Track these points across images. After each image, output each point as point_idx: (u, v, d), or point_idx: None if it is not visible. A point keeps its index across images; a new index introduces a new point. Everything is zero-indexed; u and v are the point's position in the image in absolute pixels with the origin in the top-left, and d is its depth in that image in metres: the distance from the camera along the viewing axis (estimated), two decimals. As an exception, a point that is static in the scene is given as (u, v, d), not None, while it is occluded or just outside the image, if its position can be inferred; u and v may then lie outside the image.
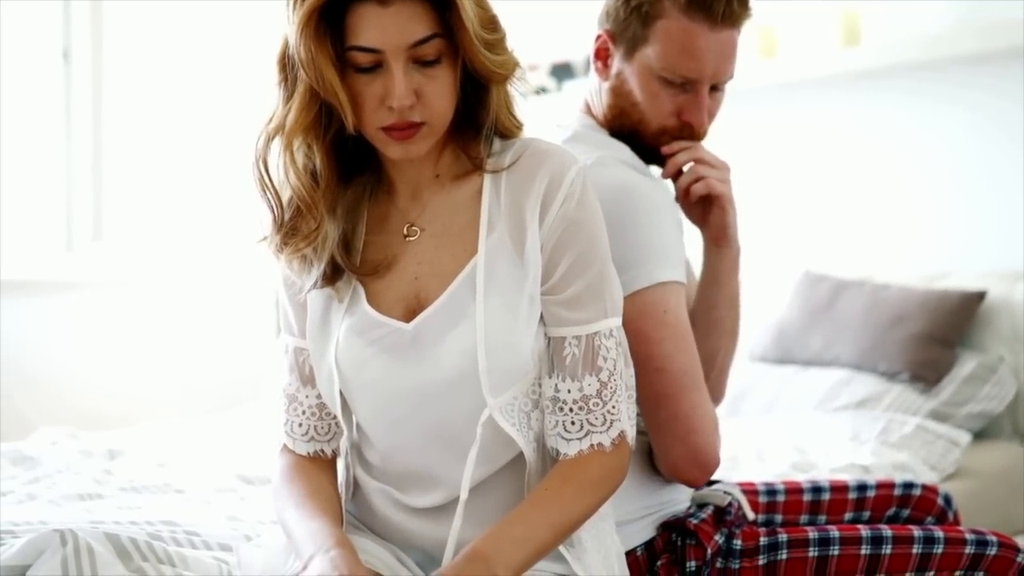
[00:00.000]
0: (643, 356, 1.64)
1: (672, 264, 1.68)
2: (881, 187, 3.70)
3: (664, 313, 1.66)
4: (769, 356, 3.47)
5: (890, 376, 3.20)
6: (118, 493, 2.18)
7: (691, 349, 1.68)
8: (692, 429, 1.66)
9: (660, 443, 1.69)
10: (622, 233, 1.65)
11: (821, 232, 3.82)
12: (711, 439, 1.68)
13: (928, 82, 3.58)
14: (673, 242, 1.70)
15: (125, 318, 4.32)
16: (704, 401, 1.69)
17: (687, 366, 1.67)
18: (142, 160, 4.39)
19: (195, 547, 1.69)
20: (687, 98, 1.80)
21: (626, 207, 1.68)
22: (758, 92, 3.85)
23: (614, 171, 1.73)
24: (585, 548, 1.48)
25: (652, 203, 1.70)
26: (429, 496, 1.48)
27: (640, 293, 1.65)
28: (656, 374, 1.65)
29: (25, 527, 1.71)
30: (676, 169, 1.82)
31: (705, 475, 1.70)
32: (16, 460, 2.57)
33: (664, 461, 1.70)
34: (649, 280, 1.65)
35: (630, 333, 1.61)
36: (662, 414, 1.67)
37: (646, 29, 1.78)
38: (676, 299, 1.67)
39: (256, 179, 1.45)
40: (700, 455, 1.67)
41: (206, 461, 2.59)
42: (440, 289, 1.46)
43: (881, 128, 3.71)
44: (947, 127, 3.56)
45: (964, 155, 3.53)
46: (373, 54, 1.38)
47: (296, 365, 1.57)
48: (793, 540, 1.72)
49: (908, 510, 1.97)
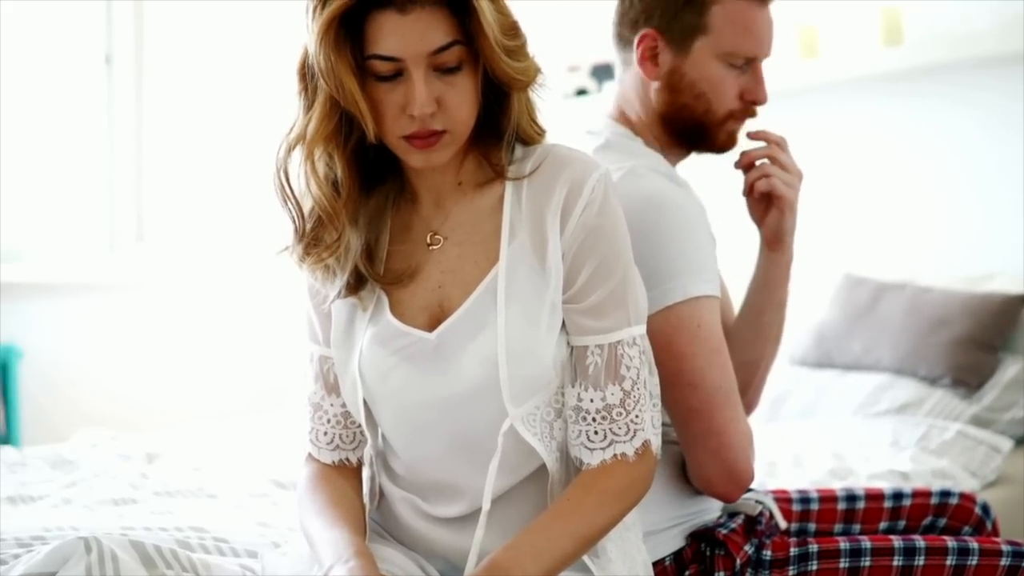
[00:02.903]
0: (675, 371, 1.63)
1: (706, 278, 1.66)
2: (923, 188, 3.66)
3: (698, 328, 1.64)
4: (809, 360, 3.44)
5: (931, 381, 3.16)
6: (152, 498, 2.19)
7: (726, 364, 1.67)
8: (725, 445, 1.65)
9: (693, 458, 1.68)
10: (655, 245, 1.64)
11: (862, 234, 3.78)
12: (745, 454, 1.67)
13: (971, 81, 3.52)
14: (707, 255, 1.69)
15: (168, 319, 4.36)
16: (738, 416, 1.67)
17: (721, 381, 1.65)
18: (183, 162, 4.42)
19: (223, 554, 1.69)
20: (747, 78, 1.83)
21: (659, 219, 1.66)
22: (799, 93, 3.82)
23: (647, 181, 1.71)
24: (610, 558, 1.47)
25: (686, 215, 1.69)
26: (452, 506, 1.47)
27: (674, 308, 1.63)
28: (689, 389, 1.64)
29: (56, 532, 1.72)
30: (750, 162, 1.83)
31: (739, 490, 1.69)
32: (55, 463, 2.59)
33: (697, 476, 1.69)
34: (683, 294, 1.64)
35: (663, 347, 1.61)
36: (695, 429, 1.65)
37: (702, 17, 1.78)
38: (710, 314, 1.66)
39: (277, 189, 1.45)
40: (734, 471, 1.66)
41: (241, 465, 2.60)
42: (463, 298, 1.45)
43: (924, 128, 3.66)
44: (990, 127, 3.50)
45: (1008, 155, 3.47)
46: (393, 62, 1.37)
47: (321, 374, 1.56)
48: (824, 551, 1.70)
49: (945, 519, 1.94)
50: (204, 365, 4.38)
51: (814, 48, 3.81)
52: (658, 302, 1.62)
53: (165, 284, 4.40)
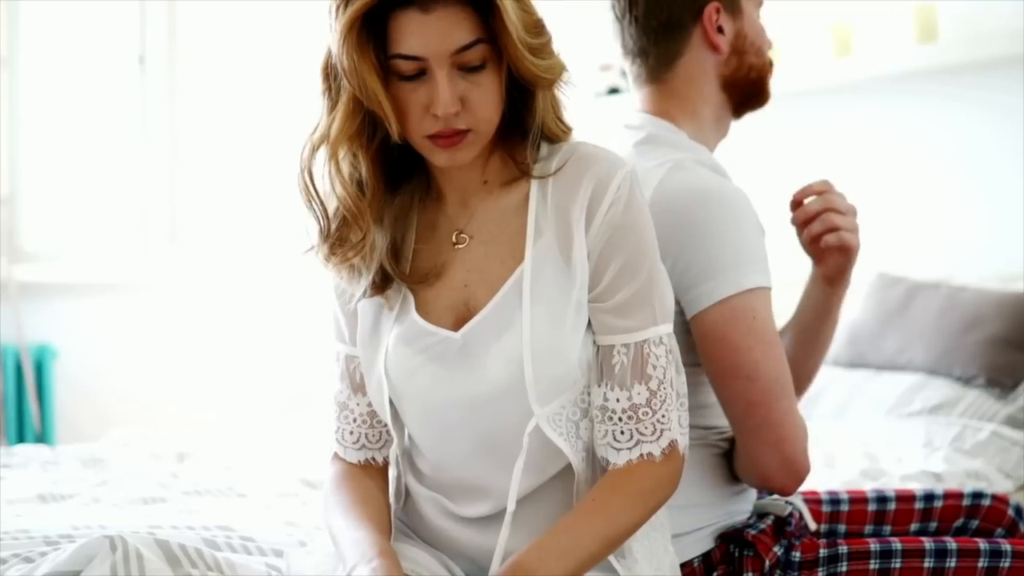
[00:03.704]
0: (732, 364, 1.62)
1: (758, 269, 1.65)
2: (957, 186, 3.62)
3: (753, 319, 1.63)
4: (841, 360, 3.41)
5: (965, 381, 3.12)
6: (181, 497, 2.20)
7: (781, 356, 1.65)
8: (783, 437, 1.64)
9: (750, 452, 1.67)
10: (706, 238, 1.63)
11: (896, 233, 3.74)
12: (802, 446, 1.66)
13: (1007, 77, 3.48)
14: (758, 246, 1.67)
15: (202, 318, 4.38)
16: (794, 408, 1.66)
17: (777, 373, 1.64)
18: (216, 162, 4.44)
19: (249, 553, 1.69)
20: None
21: (709, 211, 1.65)
22: (833, 91, 3.79)
23: (695, 174, 1.69)
24: (636, 559, 1.46)
25: (735, 207, 1.67)
26: (478, 506, 1.47)
27: (728, 300, 1.62)
28: (746, 382, 1.63)
29: (84, 531, 1.73)
30: (808, 217, 1.79)
31: (797, 483, 1.67)
32: (87, 462, 2.61)
33: (754, 470, 1.68)
34: (736, 287, 1.62)
35: (718, 341, 1.60)
36: (752, 422, 1.64)
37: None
38: (764, 305, 1.65)
39: (301, 189, 1.45)
40: (792, 463, 1.65)
41: (271, 464, 2.61)
42: (488, 297, 1.45)
43: (958, 126, 3.62)
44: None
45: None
46: (416, 62, 1.37)
47: (347, 373, 1.56)
48: (854, 552, 1.68)
49: (977, 521, 1.91)
50: (237, 364, 4.40)
51: (848, 46, 3.78)
52: (712, 296, 1.61)
53: (198, 284, 4.42)
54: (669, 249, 1.60)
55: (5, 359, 4.05)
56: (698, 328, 1.64)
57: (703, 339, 1.64)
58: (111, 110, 4.30)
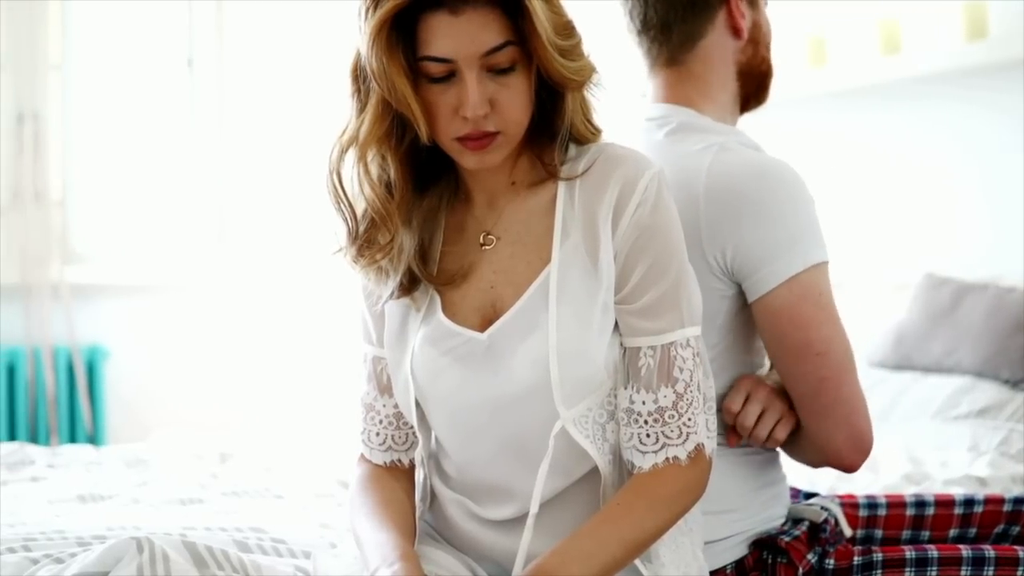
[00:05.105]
0: (804, 342, 1.60)
1: (819, 242, 1.63)
2: (1007, 186, 3.56)
3: (819, 295, 1.61)
4: (888, 362, 3.37)
5: (1013, 384, 3.07)
6: (219, 498, 2.21)
7: (845, 330, 1.64)
8: (855, 411, 1.63)
9: (822, 430, 1.64)
10: (767, 218, 1.60)
11: (944, 234, 3.69)
12: (869, 420, 1.65)
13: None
14: (814, 219, 1.65)
15: (251, 318, 4.41)
16: (858, 382, 1.65)
17: (847, 346, 1.63)
18: (264, 163, 4.47)
19: (280, 555, 1.70)
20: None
21: (766, 190, 1.62)
22: (880, 89, 3.76)
23: (744, 155, 1.67)
24: (663, 563, 1.45)
25: (790, 182, 1.65)
26: (503, 508, 1.46)
27: (797, 278, 1.60)
28: (819, 359, 1.61)
29: (119, 532, 1.75)
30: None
31: (863, 458, 1.66)
32: (131, 463, 2.63)
33: (826, 448, 1.66)
34: (803, 264, 1.60)
35: (788, 320, 1.59)
36: (824, 399, 1.62)
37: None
38: (827, 279, 1.64)
39: (330, 191, 1.46)
40: (861, 437, 1.64)
41: (311, 465, 2.62)
42: (515, 298, 1.44)
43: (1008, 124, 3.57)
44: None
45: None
46: (446, 64, 1.37)
47: (374, 374, 1.56)
48: (888, 560, 1.66)
49: (1018, 527, 1.87)
50: (286, 364, 4.42)
51: (897, 44, 3.74)
52: (780, 274, 1.59)
53: (246, 284, 4.45)
54: (730, 233, 1.59)
55: (57, 360, 4.11)
56: (765, 309, 1.62)
57: (772, 319, 1.62)
58: (160, 113, 4.35)
